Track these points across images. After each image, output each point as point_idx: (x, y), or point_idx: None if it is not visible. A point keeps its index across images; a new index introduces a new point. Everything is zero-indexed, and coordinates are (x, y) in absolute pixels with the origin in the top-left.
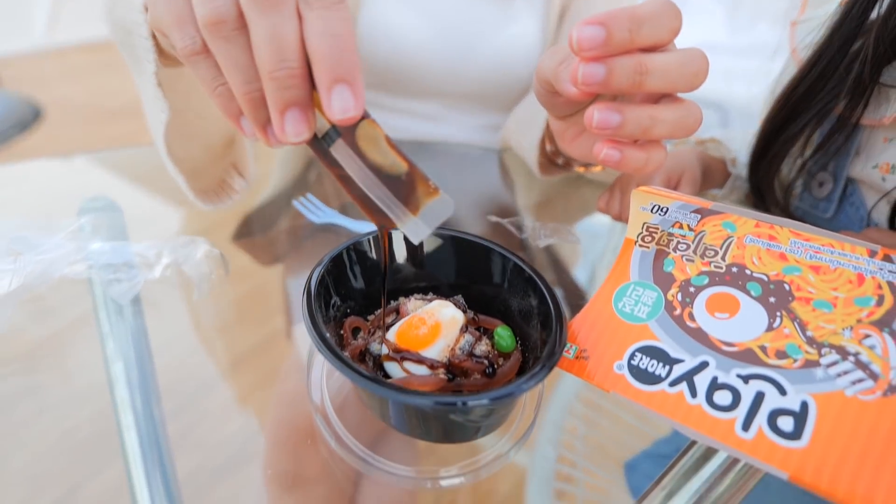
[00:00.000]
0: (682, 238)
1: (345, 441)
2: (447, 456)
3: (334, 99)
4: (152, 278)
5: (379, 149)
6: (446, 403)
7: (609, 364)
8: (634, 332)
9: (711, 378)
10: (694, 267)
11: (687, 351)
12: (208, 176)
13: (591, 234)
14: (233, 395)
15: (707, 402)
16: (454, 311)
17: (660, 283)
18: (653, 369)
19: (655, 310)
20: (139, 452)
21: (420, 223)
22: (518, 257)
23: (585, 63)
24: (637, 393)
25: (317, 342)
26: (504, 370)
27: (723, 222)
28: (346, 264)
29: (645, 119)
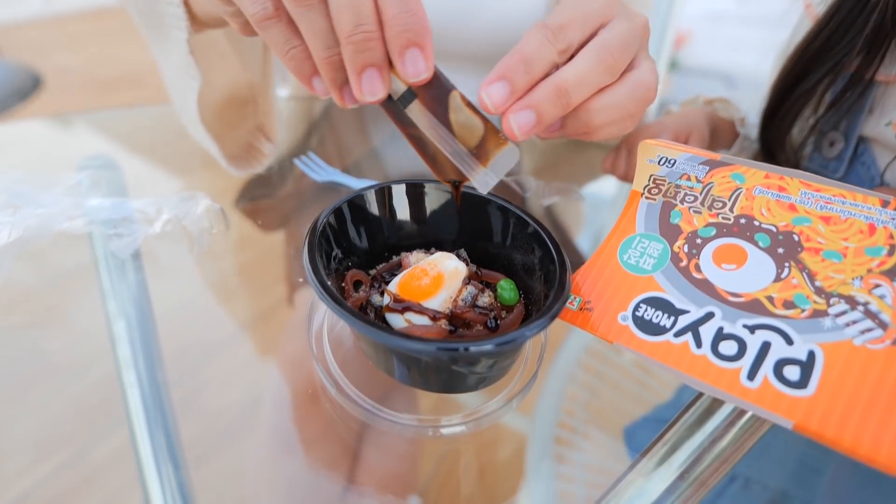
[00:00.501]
0: (690, 190)
1: (346, 391)
2: (450, 408)
3: (408, 62)
4: (152, 233)
5: (453, 106)
6: (449, 349)
7: (613, 315)
8: (640, 284)
9: (717, 328)
10: (701, 218)
11: (693, 302)
12: (231, 140)
13: (596, 202)
14: (238, 360)
15: (712, 352)
16: (457, 263)
17: (666, 235)
18: (658, 320)
19: (661, 261)
20: (142, 411)
21: (489, 173)
22: (521, 210)
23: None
24: (641, 343)
25: (317, 289)
26: (507, 322)
27: (732, 174)
28: (348, 217)
29: (582, 115)
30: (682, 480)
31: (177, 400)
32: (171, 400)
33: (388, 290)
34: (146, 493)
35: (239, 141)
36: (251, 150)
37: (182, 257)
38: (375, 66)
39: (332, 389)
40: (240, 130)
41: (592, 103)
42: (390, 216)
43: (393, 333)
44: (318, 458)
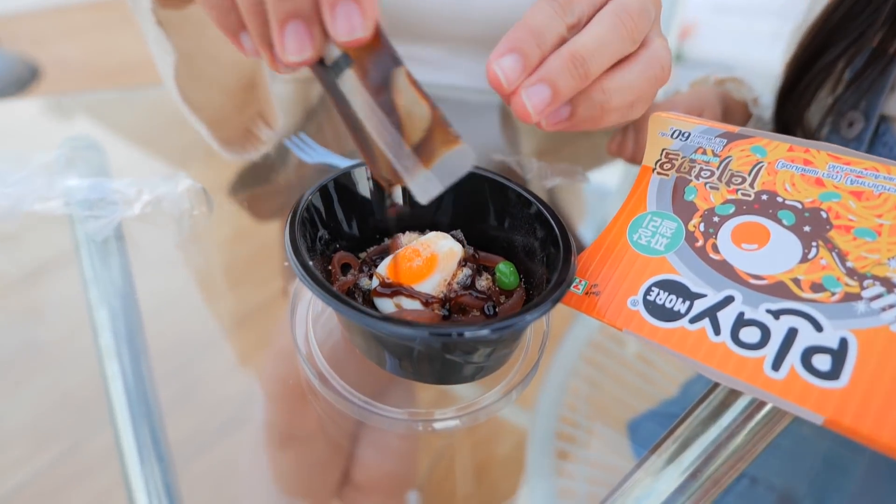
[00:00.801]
0: (706, 164)
1: (334, 385)
2: (446, 401)
3: (339, 15)
4: (131, 215)
5: (396, 85)
6: (441, 335)
7: (622, 300)
8: (651, 266)
9: (737, 314)
10: (718, 195)
11: (709, 285)
12: (232, 125)
13: (600, 190)
14: (230, 352)
15: (732, 340)
16: (452, 243)
17: (680, 213)
18: (671, 305)
19: (675, 241)
20: (126, 404)
21: (432, 178)
22: (522, 188)
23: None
24: (653, 330)
25: (297, 269)
26: (506, 308)
27: (752, 147)
28: (335, 196)
29: (597, 96)
30: (693, 479)
31: (164, 393)
32: (158, 393)
33: (377, 273)
34: (129, 490)
35: (238, 125)
36: (249, 136)
37: (166, 242)
38: (301, 19)
39: (318, 383)
40: (242, 115)
41: (607, 82)
42: (382, 195)
43: (379, 318)
44: (311, 457)
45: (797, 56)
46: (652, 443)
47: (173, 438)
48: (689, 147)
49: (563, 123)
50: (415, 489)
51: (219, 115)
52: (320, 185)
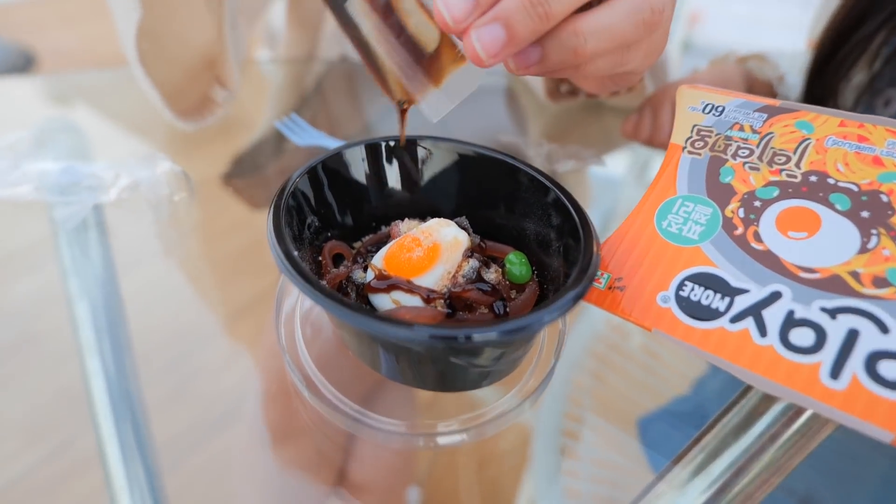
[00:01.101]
0: (744, 142)
1: (322, 391)
2: (446, 410)
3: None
4: (106, 201)
5: (405, 7)
6: (444, 337)
7: (651, 296)
8: (684, 257)
9: (786, 312)
10: (760, 176)
11: (752, 279)
12: (190, 96)
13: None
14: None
15: (781, 343)
16: (456, 231)
17: (715, 197)
18: (708, 301)
19: (710, 229)
20: (108, 403)
21: (442, 96)
22: (535, 169)
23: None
24: (687, 331)
25: (279, 259)
26: (517, 304)
27: (796, 122)
28: (326, 180)
29: (569, 39)
30: (722, 494)
31: (149, 391)
32: (143, 391)
33: (372, 265)
34: (112, 494)
35: (196, 95)
36: (205, 102)
37: (148, 230)
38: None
39: (304, 389)
40: (199, 87)
41: (580, 24)
42: (378, 179)
43: (372, 316)
44: (305, 455)
45: (831, 28)
46: (664, 443)
47: (160, 438)
48: (723, 123)
49: (535, 68)
50: (414, 488)
51: (177, 89)
52: (309, 166)
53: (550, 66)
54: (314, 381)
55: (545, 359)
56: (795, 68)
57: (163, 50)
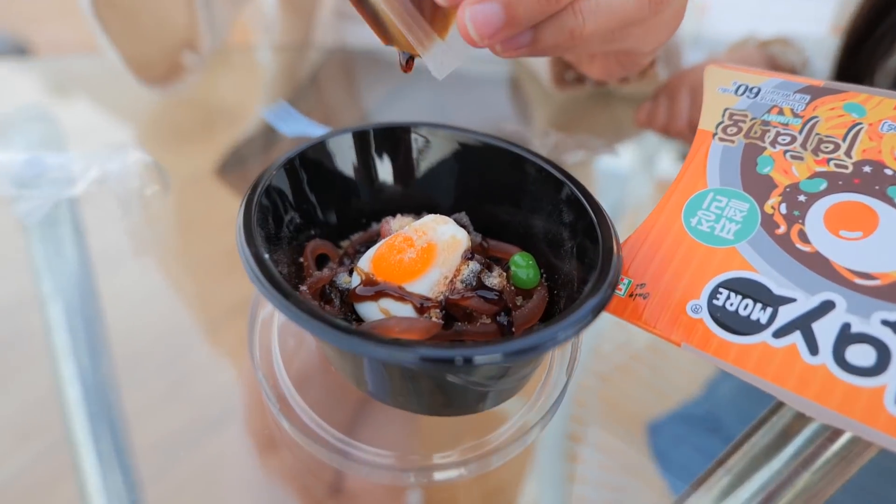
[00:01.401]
0: (784, 127)
1: (300, 415)
2: (443, 438)
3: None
4: (72, 195)
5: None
6: (438, 360)
7: (679, 305)
8: (717, 259)
9: (840, 325)
10: (804, 167)
11: (799, 285)
12: (159, 67)
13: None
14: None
15: (836, 362)
16: (454, 229)
17: (752, 191)
18: (747, 312)
19: (748, 227)
20: (84, 410)
21: (447, 49)
22: (543, 159)
23: None
24: (722, 346)
25: (247, 264)
26: (524, 314)
27: (844, 104)
28: (307, 171)
29: (568, 20)
30: None
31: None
32: (122, 398)
33: (358, 268)
34: None
35: (166, 65)
36: (174, 69)
37: (121, 225)
38: None
39: (279, 414)
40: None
41: (581, 2)
42: (367, 171)
43: (350, 332)
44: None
45: (867, 4)
46: (674, 447)
47: (140, 448)
48: (759, 106)
49: (524, 50)
50: (412, 497)
51: (146, 62)
52: (288, 156)
53: (541, 48)
54: (290, 402)
55: (556, 375)
56: (821, 53)
57: (139, 27)
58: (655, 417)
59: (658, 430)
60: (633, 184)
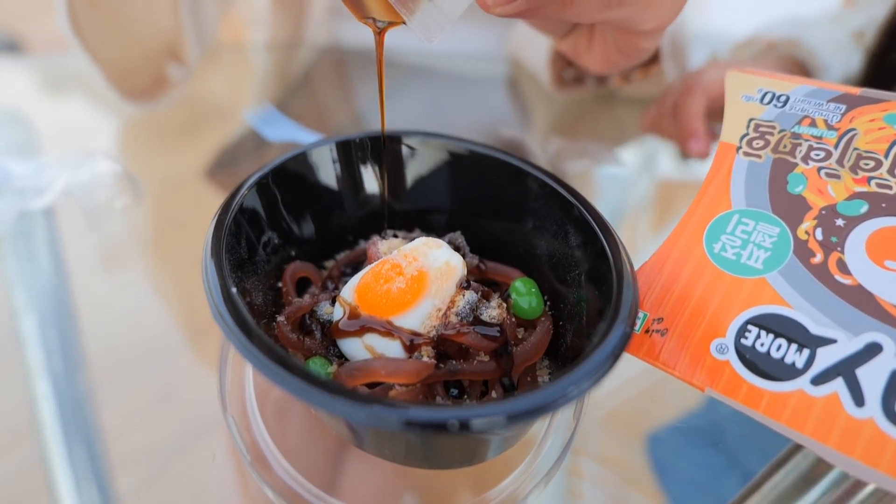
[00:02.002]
0: (818, 141)
1: (273, 464)
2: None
3: None
4: (37, 207)
5: None
6: (427, 424)
7: (702, 343)
8: (745, 291)
9: (890, 372)
10: (841, 186)
11: (839, 324)
12: (142, 77)
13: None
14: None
15: (885, 415)
16: (449, 255)
17: (783, 213)
18: (780, 354)
19: (778, 255)
20: (59, 424)
21: (435, 10)
22: (547, 174)
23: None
24: (753, 393)
25: (210, 298)
26: (526, 349)
27: (885, 115)
28: (288, 186)
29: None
30: None
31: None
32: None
33: (341, 298)
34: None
35: (147, 76)
36: (158, 83)
37: (92, 238)
38: None
39: (251, 466)
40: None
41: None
42: (353, 184)
43: (322, 388)
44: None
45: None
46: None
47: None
48: (789, 116)
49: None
50: None
51: (128, 69)
52: (263, 172)
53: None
54: (265, 452)
55: (563, 421)
56: (837, 52)
57: (118, 28)
58: (656, 429)
59: (658, 442)
60: (634, 185)
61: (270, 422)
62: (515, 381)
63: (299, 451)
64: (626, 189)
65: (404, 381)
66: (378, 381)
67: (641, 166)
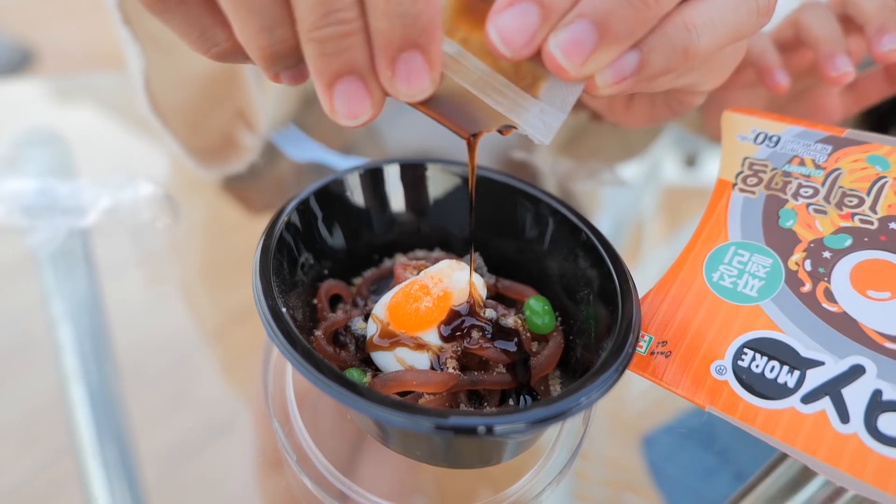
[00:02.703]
0: (806, 179)
1: (310, 457)
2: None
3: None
4: (83, 226)
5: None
6: (456, 428)
7: (703, 365)
8: (741, 317)
9: (871, 392)
10: (828, 221)
11: (826, 348)
12: (209, 127)
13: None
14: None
15: (868, 431)
16: (470, 276)
17: (775, 245)
18: (774, 374)
19: (771, 284)
20: (94, 431)
21: (545, 107)
22: (560, 202)
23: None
24: (750, 411)
25: (265, 320)
26: (541, 362)
27: (867, 156)
28: (321, 210)
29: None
30: None
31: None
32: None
33: (375, 316)
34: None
35: (216, 128)
36: (229, 143)
37: (132, 255)
38: (357, 74)
39: (293, 458)
40: (220, 114)
41: (688, 13)
42: (380, 207)
43: (363, 396)
44: None
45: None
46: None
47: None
48: (780, 156)
49: (630, 80)
50: None
51: (193, 116)
52: (303, 197)
53: (650, 73)
54: (305, 448)
55: (573, 427)
56: None
57: (172, 65)
58: (650, 430)
59: (652, 443)
60: (638, 194)
61: (310, 426)
62: (531, 391)
63: (334, 451)
64: (634, 198)
65: (433, 390)
66: (409, 390)
67: (647, 175)
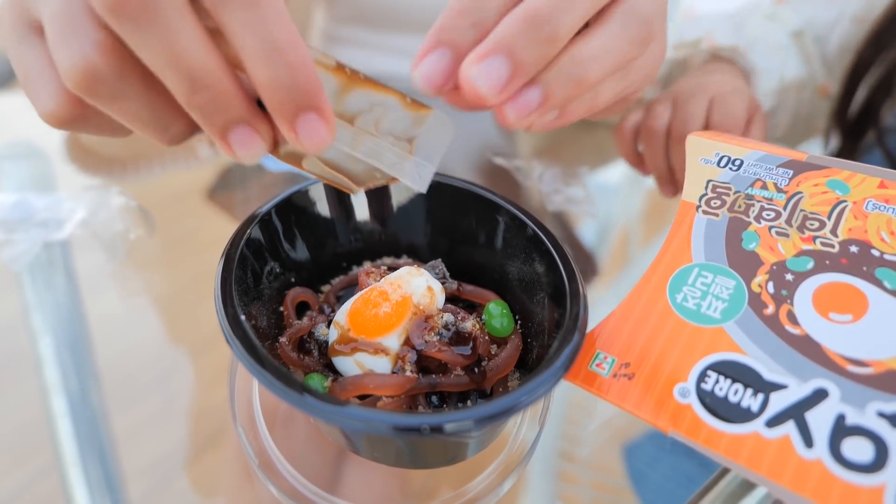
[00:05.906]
0: (768, 202)
1: (278, 466)
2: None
3: (302, 135)
4: (59, 239)
5: None
6: (408, 428)
7: (666, 388)
8: (705, 339)
9: (835, 416)
10: (790, 244)
11: (790, 371)
12: None
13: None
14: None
15: (832, 457)
16: (429, 281)
17: (738, 267)
18: (737, 398)
19: (735, 306)
20: (75, 444)
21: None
22: (516, 206)
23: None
24: (713, 435)
25: (224, 327)
26: (498, 364)
27: (827, 181)
28: (287, 220)
29: (569, 69)
30: None
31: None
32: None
33: (336, 322)
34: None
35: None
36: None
37: (107, 267)
38: (242, 123)
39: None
40: None
41: (576, 50)
42: (346, 216)
43: (317, 401)
44: None
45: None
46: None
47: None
48: (743, 179)
49: (537, 112)
50: None
51: None
52: (266, 208)
53: (554, 103)
54: (270, 455)
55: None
56: (769, 48)
57: None
58: (635, 436)
59: (633, 452)
60: (624, 196)
61: (276, 431)
62: (489, 392)
63: (302, 457)
64: (617, 199)
65: (390, 392)
66: (367, 393)
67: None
